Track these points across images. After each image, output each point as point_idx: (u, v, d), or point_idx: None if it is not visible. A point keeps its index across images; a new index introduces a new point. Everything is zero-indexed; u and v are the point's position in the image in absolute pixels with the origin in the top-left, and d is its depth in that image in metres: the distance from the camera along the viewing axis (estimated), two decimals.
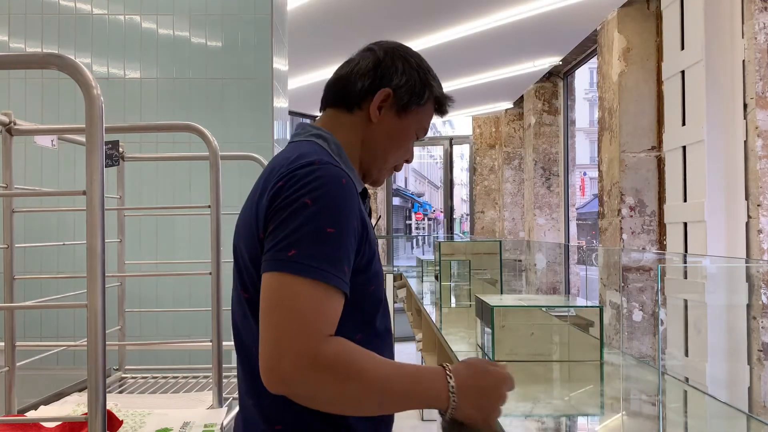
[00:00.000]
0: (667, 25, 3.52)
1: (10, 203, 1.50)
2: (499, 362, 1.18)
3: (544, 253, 5.26)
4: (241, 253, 1.05)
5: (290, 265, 0.91)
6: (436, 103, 1.19)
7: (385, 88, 1.12)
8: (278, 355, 0.88)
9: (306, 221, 0.93)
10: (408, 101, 1.13)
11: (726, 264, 2.46)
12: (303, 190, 0.95)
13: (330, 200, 0.95)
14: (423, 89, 1.15)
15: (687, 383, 1.78)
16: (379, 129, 1.14)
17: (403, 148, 1.18)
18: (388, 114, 1.13)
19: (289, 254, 0.92)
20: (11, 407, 1.49)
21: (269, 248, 0.95)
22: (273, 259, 0.93)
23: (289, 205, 0.95)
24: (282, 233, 0.94)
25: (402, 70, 1.14)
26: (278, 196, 0.97)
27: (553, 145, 6.69)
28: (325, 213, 0.94)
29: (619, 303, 3.84)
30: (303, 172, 0.98)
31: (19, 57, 1.32)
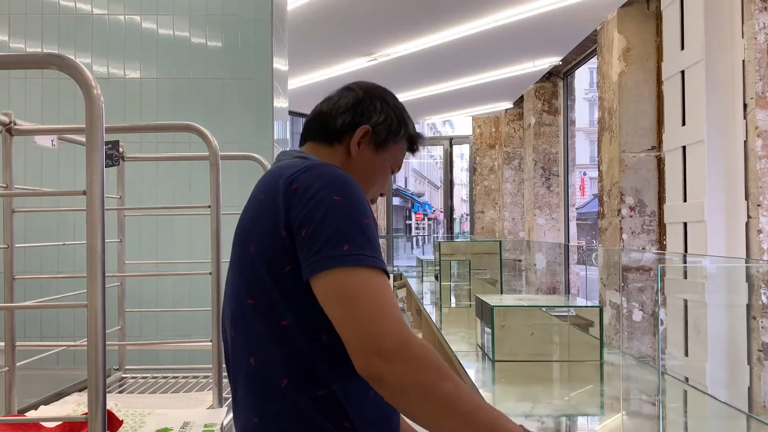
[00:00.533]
0: (667, 25, 3.52)
1: (10, 203, 1.50)
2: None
3: (544, 253, 5.26)
4: (251, 257, 1.05)
5: (350, 259, 0.94)
6: (409, 141, 1.26)
7: (365, 125, 1.18)
8: (376, 335, 0.90)
9: (345, 217, 0.97)
10: (385, 137, 1.20)
11: (726, 264, 2.46)
12: (328, 188, 0.99)
13: (355, 194, 1.01)
14: (399, 127, 1.21)
15: (687, 383, 1.78)
16: (358, 163, 1.19)
17: (379, 182, 1.24)
18: (366, 149, 1.19)
19: (344, 249, 0.94)
20: (11, 407, 1.49)
21: (316, 249, 0.96)
22: (328, 257, 0.95)
23: (321, 204, 0.98)
24: (326, 232, 0.96)
25: (380, 109, 1.20)
26: (303, 197, 0.99)
27: (553, 145, 6.69)
28: (356, 206, 0.99)
29: (619, 303, 3.84)
30: (318, 172, 1.03)
31: (19, 57, 1.31)
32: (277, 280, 1.01)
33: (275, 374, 1.02)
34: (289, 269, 1.00)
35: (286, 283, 1.00)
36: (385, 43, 5.37)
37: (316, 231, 0.96)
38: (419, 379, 0.89)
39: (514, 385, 1.66)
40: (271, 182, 1.07)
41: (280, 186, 1.03)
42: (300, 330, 1.01)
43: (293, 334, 1.01)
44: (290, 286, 1.00)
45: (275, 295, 1.02)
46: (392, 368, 0.89)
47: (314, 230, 0.96)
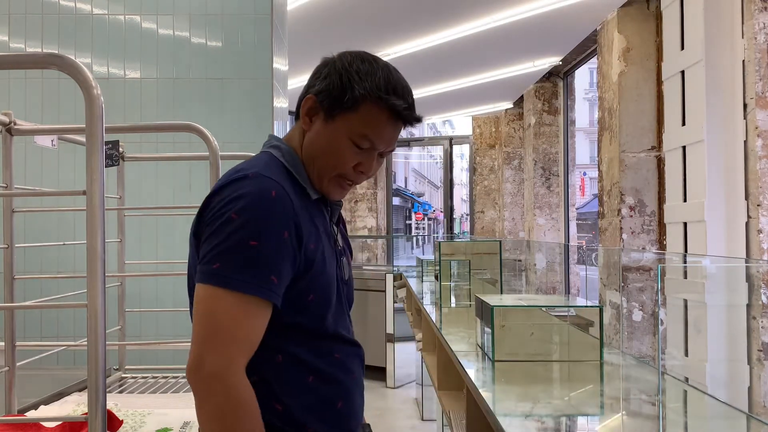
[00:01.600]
0: (667, 25, 3.52)
1: (10, 203, 1.50)
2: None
3: (544, 253, 5.26)
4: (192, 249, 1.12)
5: (214, 277, 0.97)
6: (382, 107, 1.10)
7: (310, 95, 1.13)
8: (199, 355, 0.95)
9: (230, 235, 0.98)
10: (330, 105, 1.11)
11: (726, 264, 2.46)
12: (230, 204, 1.00)
13: (254, 213, 0.99)
14: (343, 92, 1.10)
15: (687, 383, 1.78)
16: (311, 137, 1.14)
17: (333, 156, 1.12)
18: (317, 121, 1.13)
19: (214, 267, 0.97)
20: (11, 407, 1.49)
21: (200, 261, 1.01)
22: (201, 271, 0.99)
23: (217, 220, 1.00)
24: (209, 246, 0.99)
25: (325, 75, 1.13)
26: (207, 210, 1.03)
27: (553, 145, 6.69)
28: (248, 226, 0.98)
29: (619, 303, 3.84)
30: (232, 187, 1.03)
31: (19, 57, 1.31)
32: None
33: None
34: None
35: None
36: (385, 43, 5.37)
37: (205, 243, 1.01)
38: (209, 408, 0.95)
39: (514, 385, 1.66)
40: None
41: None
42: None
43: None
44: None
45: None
46: (197, 388, 0.96)
47: (204, 242, 1.01)
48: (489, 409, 1.43)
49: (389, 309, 5.79)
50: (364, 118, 1.10)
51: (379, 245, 8.50)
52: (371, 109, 1.10)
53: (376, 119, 1.10)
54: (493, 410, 1.42)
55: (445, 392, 2.62)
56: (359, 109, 1.09)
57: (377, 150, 1.14)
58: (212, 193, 1.05)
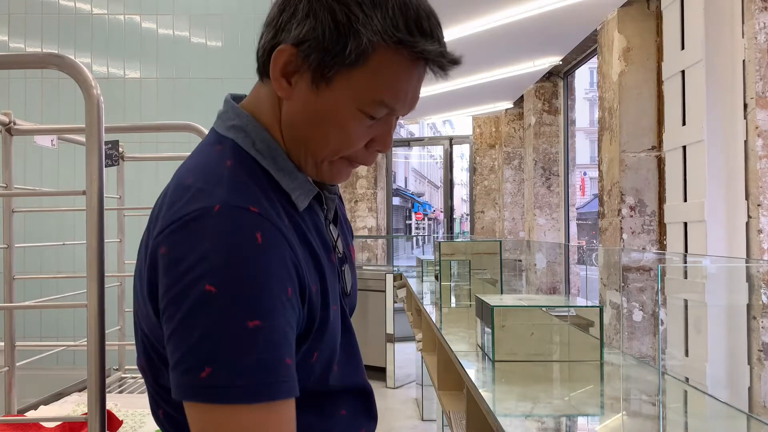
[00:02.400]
0: (667, 25, 3.52)
1: (9, 203, 1.50)
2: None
3: (544, 253, 5.26)
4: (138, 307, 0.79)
5: (206, 391, 0.64)
6: (403, 54, 0.72)
7: (284, 45, 0.73)
8: None
9: (214, 322, 0.64)
10: (321, 62, 0.71)
11: (726, 264, 2.46)
12: (199, 269, 0.65)
13: (245, 278, 0.65)
14: (342, 38, 0.70)
15: (687, 383, 1.77)
16: (294, 107, 0.76)
17: (337, 135, 0.75)
18: (301, 84, 0.74)
19: (201, 376, 0.64)
20: (11, 407, 1.48)
21: (175, 363, 0.67)
22: (184, 384, 0.66)
23: (185, 296, 0.65)
24: (185, 344, 0.65)
25: (306, 12, 0.70)
26: (169, 273, 0.67)
27: (553, 145, 6.69)
28: (239, 302, 0.65)
29: (619, 303, 3.84)
30: (190, 238, 0.67)
31: (19, 57, 1.31)
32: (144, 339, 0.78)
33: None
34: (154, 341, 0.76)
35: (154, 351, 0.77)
36: None
37: (173, 338, 0.67)
38: None
39: (514, 385, 1.66)
40: (156, 213, 0.75)
41: (152, 239, 0.71)
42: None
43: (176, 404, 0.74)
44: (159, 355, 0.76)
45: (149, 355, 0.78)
46: None
47: (171, 336, 0.67)
48: (489, 409, 1.43)
49: (389, 309, 5.79)
50: (376, 74, 0.72)
51: (379, 245, 8.50)
52: (387, 59, 0.72)
53: (395, 74, 0.73)
54: (493, 410, 1.42)
55: (445, 392, 2.62)
56: (369, 62, 0.71)
57: (397, 115, 0.78)
58: (160, 241, 0.69)
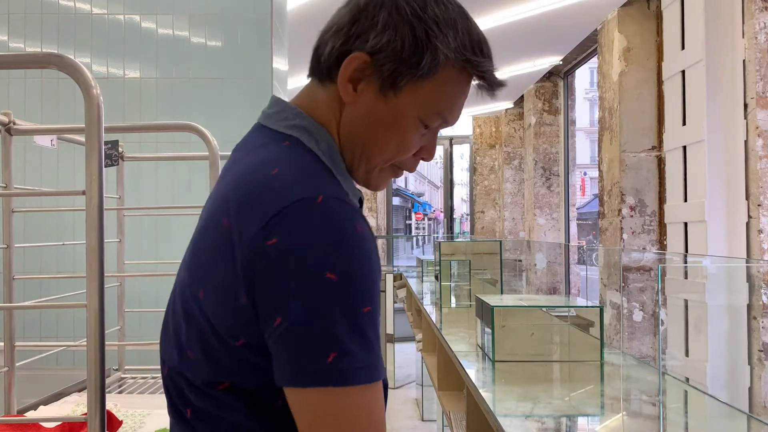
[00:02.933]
0: (668, 25, 3.52)
1: (9, 203, 1.50)
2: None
3: (544, 253, 5.26)
4: (198, 304, 0.75)
5: (335, 375, 0.67)
6: (465, 72, 0.79)
7: (357, 53, 0.76)
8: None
9: (338, 309, 0.67)
10: (394, 71, 0.76)
11: (726, 264, 2.46)
12: (317, 257, 0.67)
13: (359, 266, 0.68)
14: (419, 52, 0.75)
15: (687, 383, 1.77)
16: (357, 112, 0.79)
17: (396, 142, 0.80)
18: (369, 91, 0.77)
19: (329, 360, 0.67)
20: (11, 407, 1.48)
21: (293, 355, 0.68)
22: (307, 370, 0.67)
23: (306, 284, 0.67)
24: (308, 331, 0.67)
25: (385, 24, 0.75)
26: (282, 264, 0.67)
27: (553, 145, 6.69)
28: (358, 288, 0.68)
29: (619, 303, 3.84)
30: (305, 220, 0.68)
31: (18, 57, 1.31)
32: (225, 349, 0.73)
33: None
34: (242, 343, 0.72)
35: (234, 355, 0.73)
36: None
37: (294, 327, 0.67)
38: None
39: (514, 385, 1.66)
40: (238, 206, 0.72)
41: (248, 231, 0.69)
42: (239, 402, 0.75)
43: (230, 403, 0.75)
44: (240, 359, 0.73)
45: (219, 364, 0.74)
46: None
47: (292, 325, 0.67)
48: (489, 410, 1.43)
49: (389, 309, 5.79)
50: (441, 87, 0.78)
51: (379, 245, 8.50)
52: (451, 74, 0.78)
53: (455, 89, 0.79)
54: (493, 410, 1.41)
55: (445, 392, 2.62)
56: (436, 76, 0.77)
57: (446, 126, 0.84)
58: (267, 233, 0.68)
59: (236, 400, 0.74)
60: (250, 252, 0.69)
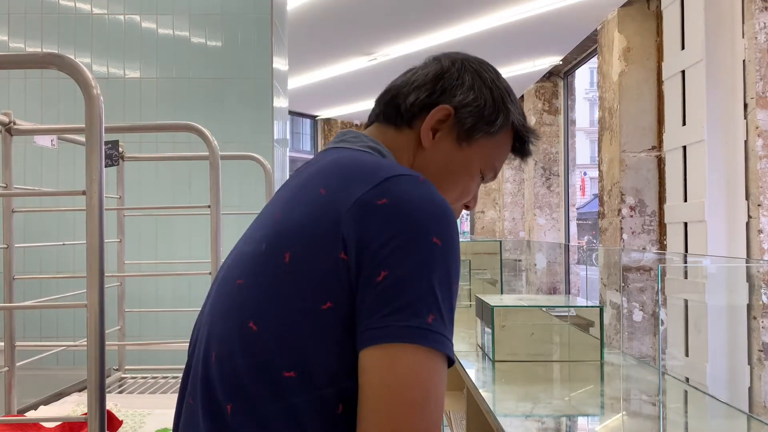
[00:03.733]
0: (668, 25, 3.52)
1: (9, 203, 1.50)
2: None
3: (544, 253, 5.26)
4: (281, 268, 0.72)
5: (433, 338, 0.67)
6: (515, 137, 0.93)
7: (445, 105, 0.87)
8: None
9: (441, 271, 0.69)
10: (473, 125, 0.87)
11: (726, 264, 2.46)
12: (427, 221, 0.70)
13: (456, 241, 0.72)
14: (496, 112, 0.89)
15: (687, 383, 1.77)
16: (432, 157, 0.88)
17: (461, 186, 0.90)
18: (446, 139, 0.88)
19: (429, 321, 0.67)
20: (11, 407, 1.48)
21: (397, 307, 0.67)
22: (409, 325, 0.67)
23: (417, 245, 0.69)
24: (416, 289, 0.68)
25: (470, 85, 0.89)
26: (393, 222, 0.69)
27: (553, 145, 6.69)
28: (455, 261, 0.72)
29: (619, 303, 3.84)
30: (416, 190, 0.73)
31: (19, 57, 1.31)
32: (304, 313, 0.70)
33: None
34: (329, 307, 0.69)
35: (317, 322, 0.70)
36: (385, 43, 5.37)
37: (403, 282, 0.67)
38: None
39: (514, 385, 1.66)
40: (340, 178, 0.76)
41: (355, 192, 0.72)
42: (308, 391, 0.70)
43: (295, 390, 0.70)
44: (320, 328, 0.69)
45: (293, 333, 0.70)
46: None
47: (400, 280, 0.67)
48: (489, 410, 1.43)
49: None
50: (498, 146, 0.92)
51: None
52: (508, 136, 0.93)
53: (506, 149, 0.94)
54: (493, 410, 1.42)
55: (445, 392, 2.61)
56: (499, 135, 0.90)
57: (490, 181, 0.96)
58: (377, 193, 0.71)
59: (296, 393, 0.69)
60: (358, 210, 0.70)
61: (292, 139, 9.51)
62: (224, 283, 0.81)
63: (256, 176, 2.67)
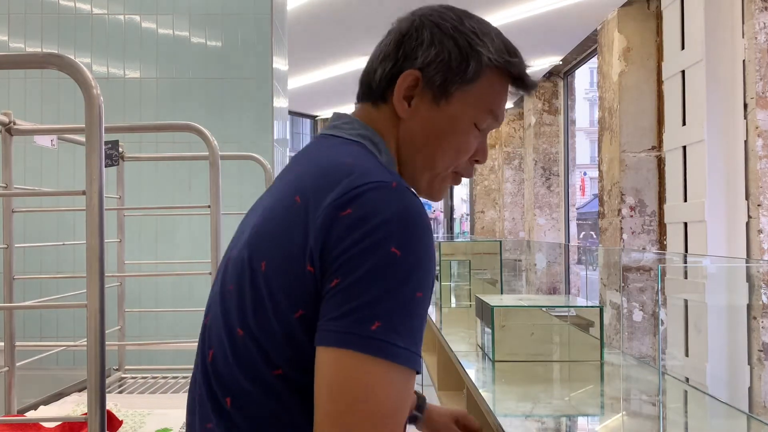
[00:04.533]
0: (668, 25, 3.52)
1: (9, 203, 1.50)
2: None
3: (544, 253, 5.27)
4: (258, 276, 0.76)
5: (374, 344, 0.69)
6: (505, 74, 0.87)
7: (409, 70, 0.85)
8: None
9: (395, 283, 0.70)
10: (444, 81, 0.84)
11: (726, 264, 2.46)
12: (389, 230, 0.71)
13: (422, 251, 0.72)
14: (465, 59, 0.84)
15: (687, 383, 1.78)
16: (414, 126, 0.86)
17: (455, 146, 0.87)
18: (422, 104, 0.86)
19: (372, 328, 0.69)
20: (11, 407, 1.48)
21: (345, 311, 0.70)
22: (350, 332, 0.69)
23: (370, 254, 0.70)
24: (362, 296, 0.70)
25: (430, 41, 0.84)
26: (353, 231, 0.71)
27: (553, 145, 6.69)
28: (416, 270, 0.71)
29: (619, 303, 3.84)
30: (383, 196, 0.73)
31: (19, 57, 1.32)
32: (279, 321, 0.74)
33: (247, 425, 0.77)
34: (301, 314, 0.74)
35: (291, 329, 0.74)
36: None
37: (350, 289, 0.70)
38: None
39: (514, 385, 1.66)
40: (312, 186, 0.78)
41: (323, 202, 0.74)
42: (293, 388, 0.75)
43: (282, 389, 0.75)
44: (296, 334, 0.74)
45: (273, 338, 0.75)
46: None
47: (349, 287, 0.70)
48: (489, 410, 1.43)
49: None
50: (487, 89, 0.87)
51: None
52: (494, 77, 0.87)
53: (498, 89, 0.88)
54: (493, 410, 1.42)
55: (445, 392, 2.62)
56: (481, 80, 0.86)
57: (495, 127, 0.91)
58: (341, 204, 0.73)
59: (285, 389, 0.75)
60: (323, 220, 0.73)
61: (292, 139, 9.51)
62: (222, 285, 0.84)
63: (256, 176, 2.67)
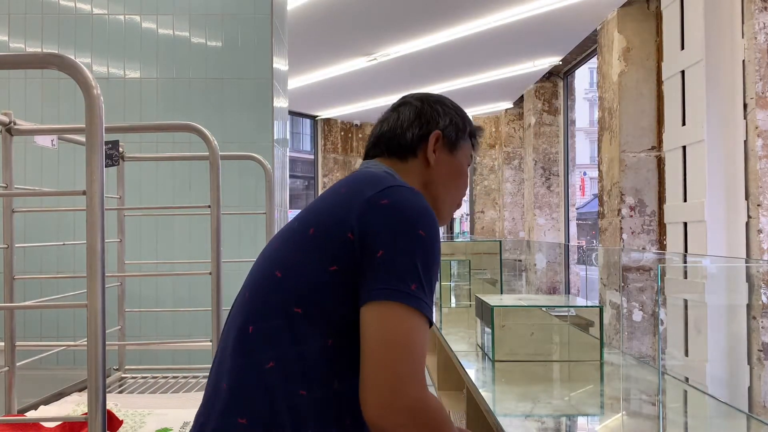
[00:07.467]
0: (667, 25, 3.52)
1: (10, 203, 1.50)
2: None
3: (544, 253, 5.26)
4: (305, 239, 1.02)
5: (414, 300, 0.93)
6: (471, 135, 1.28)
7: (435, 131, 1.20)
8: (398, 391, 0.91)
9: (423, 255, 0.97)
10: (456, 137, 1.22)
11: (726, 264, 2.46)
12: (415, 218, 0.99)
13: (436, 235, 1.01)
14: (465, 124, 1.25)
15: (687, 383, 1.78)
16: (438, 170, 1.21)
17: (461, 185, 1.25)
18: (442, 154, 1.21)
19: (412, 288, 0.94)
20: (11, 407, 1.49)
21: (388, 278, 0.94)
22: (397, 289, 0.93)
23: (405, 233, 0.97)
24: (404, 265, 0.95)
25: (443, 112, 1.23)
26: (390, 216, 0.98)
27: (553, 145, 6.69)
28: (434, 247, 0.99)
29: (619, 303, 3.84)
30: (410, 197, 1.02)
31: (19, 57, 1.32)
32: (316, 270, 0.98)
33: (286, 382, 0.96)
34: (335, 269, 0.97)
35: (324, 279, 0.97)
36: (385, 43, 5.37)
37: (394, 259, 0.95)
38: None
39: (514, 385, 1.66)
40: (356, 184, 1.06)
41: (366, 194, 1.01)
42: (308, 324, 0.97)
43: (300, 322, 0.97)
44: (324, 283, 0.97)
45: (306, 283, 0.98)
46: (399, 422, 0.91)
47: (392, 257, 0.95)
48: (489, 409, 1.43)
49: None
50: (468, 146, 1.27)
51: None
52: (469, 139, 1.27)
53: (470, 147, 1.28)
54: (493, 410, 1.42)
55: (445, 392, 2.62)
56: (467, 138, 1.26)
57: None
58: (381, 195, 1.01)
59: (301, 325, 0.97)
60: (367, 206, 1.00)
61: (292, 139, 9.51)
62: (266, 250, 1.10)
63: (256, 176, 2.67)
